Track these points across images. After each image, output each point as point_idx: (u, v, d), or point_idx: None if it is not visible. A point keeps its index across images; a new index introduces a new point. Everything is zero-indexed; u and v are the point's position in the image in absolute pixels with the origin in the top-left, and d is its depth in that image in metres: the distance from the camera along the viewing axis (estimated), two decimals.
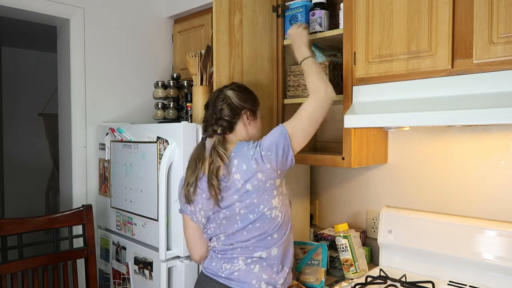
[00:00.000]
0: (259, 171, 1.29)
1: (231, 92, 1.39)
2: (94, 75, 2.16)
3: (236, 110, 1.38)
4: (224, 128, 1.37)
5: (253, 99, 1.44)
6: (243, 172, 1.30)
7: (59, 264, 1.77)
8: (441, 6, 1.31)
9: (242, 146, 1.34)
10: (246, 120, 1.40)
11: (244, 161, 1.30)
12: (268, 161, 1.29)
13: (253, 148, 1.31)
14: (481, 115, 1.17)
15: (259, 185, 1.29)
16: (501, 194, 1.55)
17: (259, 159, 1.29)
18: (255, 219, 1.30)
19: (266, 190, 1.30)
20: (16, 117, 3.81)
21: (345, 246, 1.68)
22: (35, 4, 1.97)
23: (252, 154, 1.30)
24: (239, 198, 1.30)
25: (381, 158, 1.82)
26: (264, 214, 1.30)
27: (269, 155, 1.29)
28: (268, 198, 1.30)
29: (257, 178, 1.29)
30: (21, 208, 3.73)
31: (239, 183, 1.29)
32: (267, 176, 1.30)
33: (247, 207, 1.30)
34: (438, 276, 1.61)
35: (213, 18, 1.59)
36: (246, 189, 1.29)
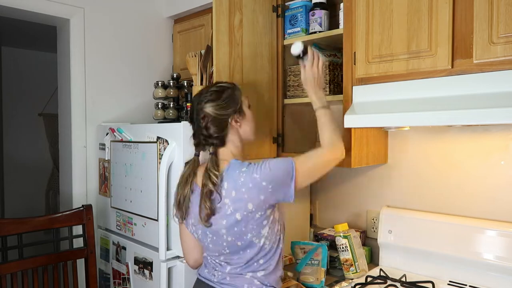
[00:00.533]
0: (249, 201, 1.21)
1: (210, 107, 1.28)
2: (94, 75, 2.16)
3: (222, 122, 1.29)
4: (215, 145, 1.30)
5: (233, 98, 1.32)
6: (232, 199, 1.22)
7: (59, 264, 1.77)
8: (441, 6, 1.31)
9: (234, 169, 1.25)
10: (235, 124, 1.32)
11: (234, 187, 1.22)
12: (264, 193, 1.20)
13: (247, 173, 1.22)
14: (481, 115, 1.17)
15: (248, 215, 1.22)
16: (501, 194, 1.55)
17: (254, 188, 1.20)
18: (243, 246, 1.26)
19: (255, 221, 1.23)
20: (16, 117, 3.81)
21: (345, 246, 1.68)
22: (35, 4, 1.97)
23: (242, 181, 1.21)
24: (226, 225, 1.24)
25: (381, 158, 1.82)
26: (253, 242, 1.26)
27: (268, 188, 1.20)
28: (257, 228, 1.24)
29: (247, 208, 1.21)
30: (21, 208, 3.73)
31: (229, 209, 1.23)
32: (258, 207, 1.22)
33: (234, 235, 1.25)
34: (438, 276, 1.61)
35: (213, 18, 1.59)
36: (235, 217, 1.23)
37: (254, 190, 1.20)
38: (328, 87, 1.71)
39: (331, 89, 1.71)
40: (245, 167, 1.24)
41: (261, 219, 1.24)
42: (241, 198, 1.21)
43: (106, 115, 2.20)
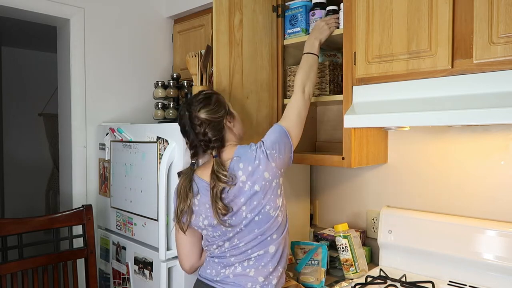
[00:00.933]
0: (265, 170, 1.30)
1: (204, 113, 1.33)
2: (94, 75, 2.16)
3: (218, 124, 1.35)
4: (217, 147, 1.35)
5: (220, 101, 1.39)
6: (249, 174, 1.30)
7: (59, 264, 1.77)
8: (441, 6, 1.31)
9: (244, 149, 1.34)
10: (229, 124, 1.39)
11: (249, 163, 1.31)
12: (273, 159, 1.31)
13: (256, 149, 1.32)
14: (481, 115, 1.17)
15: (266, 185, 1.30)
16: (501, 194, 1.55)
17: (265, 158, 1.31)
18: (260, 221, 1.31)
19: (272, 190, 1.32)
20: (16, 117, 3.81)
21: (345, 246, 1.68)
22: (35, 4, 1.97)
23: (256, 155, 1.31)
24: (245, 201, 1.30)
25: (381, 158, 1.82)
26: (270, 215, 1.32)
27: (273, 154, 1.32)
28: (273, 198, 1.32)
29: (264, 177, 1.30)
30: (21, 208, 3.73)
31: (247, 185, 1.30)
32: (273, 174, 1.32)
33: (254, 209, 1.30)
34: (438, 276, 1.61)
35: (213, 18, 1.59)
36: (254, 190, 1.29)
37: (265, 160, 1.30)
38: (328, 87, 1.71)
39: (331, 89, 1.71)
40: (253, 145, 1.35)
41: (277, 188, 1.33)
42: (258, 170, 1.30)
43: (106, 115, 2.20)
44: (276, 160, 1.32)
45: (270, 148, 1.33)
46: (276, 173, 1.33)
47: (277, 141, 1.34)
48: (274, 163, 1.32)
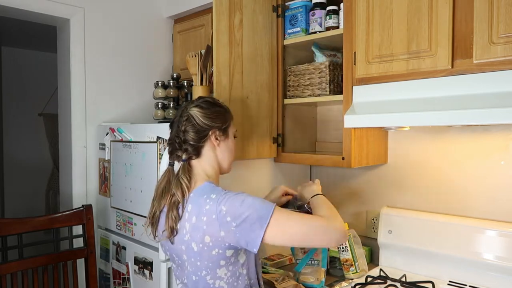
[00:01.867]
0: (207, 234, 1.08)
1: (196, 110, 1.21)
2: (94, 75, 2.16)
3: (202, 131, 1.20)
4: (189, 153, 1.20)
5: (223, 115, 1.26)
6: (191, 225, 1.11)
7: (59, 264, 1.77)
8: (441, 6, 1.31)
9: (203, 192, 1.14)
10: (214, 141, 1.22)
11: (196, 213, 1.11)
12: (226, 230, 1.06)
13: (214, 202, 1.09)
14: (481, 115, 1.17)
15: (203, 249, 1.10)
16: (501, 194, 1.55)
17: (215, 221, 1.06)
18: (197, 282, 1.15)
19: (211, 258, 1.11)
20: (16, 117, 3.81)
21: (345, 246, 1.68)
22: (35, 4, 1.97)
23: (207, 209, 1.09)
24: (185, 251, 1.15)
25: (381, 158, 1.82)
26: (207, 282, 1.13)
27: (231, 225, 1.06)
28: (212, 266, 1.11)
29: (203, 241, 1.09)
30: (21, 208, 3.73)
31: (187, 235, 1.13)
32: (216, 243, 1.09)
33: (192, 266, 1.15)
34: (438, 276, 1.61)
35: (213, 18, 1.59)
36: (191, 247, 1.12)
37: (215, 223, 1.07)
38: (328, 87, 1.71)
39: (331, 89, 1.71)
40: (216, 194, 1.11)
41: (218, 258, 1.11)
42: (200, 227, 1.09)
43: (106, 115, 2.20)
44: (229, 233, 1.06)
45: (232, 216, 1.05)
46: (221, 244, 1.08)
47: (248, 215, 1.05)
48: (223, 233, 1.06)
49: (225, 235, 1.07)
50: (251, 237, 1.06)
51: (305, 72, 1.78)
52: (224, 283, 1.13)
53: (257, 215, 1.06)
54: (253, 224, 1.05)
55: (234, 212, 1.06)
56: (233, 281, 1.14)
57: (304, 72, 1.79)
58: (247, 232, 1.06)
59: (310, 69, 1.76)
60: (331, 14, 1.69)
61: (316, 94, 1.75)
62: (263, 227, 1.05)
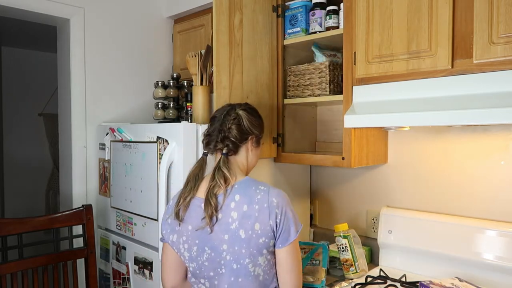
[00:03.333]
0: (258, 221, 1.17)
1: (244, 113, 1.31)
2: (94, 75, 2.16)
3: (245, 134, 1.30)
4: (229, 149, 1.28)
5: (262, 126, 1.38)
6: (240, 213, 1.18)
7: (59, 264, 1.77)
8: (441, 6, 1.31)
9: (250, 184, 1.23)
10: (250, 145, 1.33)
11: (248, 201, 1.19)
12: (273, 219, 1.18)
13: (265, 192, 1.20)
14: (481, 115, 1.17)
15: (252, 237, 1.17)
16: (501, 194, 1.55)
17: (266, 210, 1.17)
18: (237, 271, 1.19)
19: (257, 246, 1.18)
20: (16, 117, 3.81)
21: (345, 246, 1.68)
22: (35, 4, 1.97)
23: (259, 198, 1.19)
24: (228, 241, 1.18)
25: (381, 158, 1.82)
26: (248, 270, 1.19)
27: (277, 216, 1.18)
28: (255, 253, 1.18)
29: (253, 228, 1.17)
30: (21, 208, 3.73)
31: (234, 223, 1.18)
32: (264, 232, 1.17)
33: (233, 254, 1.19)
34: (438, 276, 1.61)
35: (213, 18, 1.59)
36: (238, 234, 1.17)
37: (266, 212, 1.17)
38: (328, 87, 1.71)
39: (331, 89, 1.71)
40: (263, 186, 1.23)
41: (263, 246, 1.18)
42: (252, 215, 1.17)
43: (106, 115, 2.20)
44: (274, 223, 1.17)
45: (280, 209, 1.18)
46: (268, 233, 1.17)
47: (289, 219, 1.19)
48: (272, 221, 1.17)
49: (272, 224, 1.17)
50: (284, 235, 1.19)
51: (305, 72, 1.79)
52: (261, 270, 1.21)
53: (294, 221, 1.21)
54: (290, 226, 1.20)
55: (282, 207, 1.19)
56: (267, 269, 1.23)
57: (304, 72, 1.79)
58: (287, 229, 1.19)
59: (310, 69, 1.77)
60: (331, 14, 1.69)
61: (316, 94, 1.75)
62: (296, 233, 1.20)
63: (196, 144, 1.60)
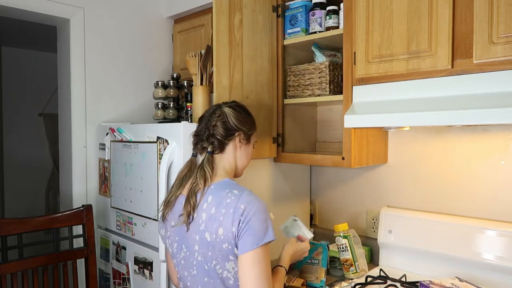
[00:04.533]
0: (222, 226, 1.14)
1: (229, 110, 1.30)
2: (94, 75, 2.16)
3: (231, 130, 1.29)
4: (214, 147, 1.28)
5: (250, 122, 1.36)
6: (208, 215, 1.17)
7: (59, 264, 1.77)
8: (441, 6, 1.31)
9: (225, 187, 1.21)
10: (238, 142, 1.31)
11: (216, 204, 1.17)
12: (236, 227, 1.13)
13: (236, 197, 1.15)
14: (481, 115, 1.17)
15: (216, 241, 1.15)
16: (501, 194, 1.55)
17: (231, 216, 1.13)
18: (208, 272, 1.20)
19: (221, 251, 1.16)
20: (16, 117, 3.81)
21: (345, 246, 1.68)
22: (35, 4, 1.97)
23: (227, 203, 1.15)
24: (199, 241, 1.19)
25: (381, 158, 1.82)
26: (216, 272, 1.18)
27: (239, 224, 1.12)
28: (221, 258, 1.17)
29: (217, 232, 1.15)
30: (21, 208, 3.73)
31: (202, 225, 1.18)
32: (226, 238, 1.14)
33: (204, 255, 1.19)
34: (438, 276, 1.61)
35: (213, 18, 1.59)
36: (205, 236, 1.17)
37: (230, 218, 1.13)
38: (328, 87, 1.71)
39: (331, 89, 1.71)
40: (238, 190, 1.18)
41: (227, 252, 1.16)
42: (216, 218, 1.15)
43: (106, 115, 2.20)
44: (236, 230, 1.12)
45: (244, 216, 1.12)
46: (231, 240, 1.13)
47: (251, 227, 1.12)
48: (235, 228, 1.12)
49: (235, 231, 1.13)
50: (241, 243, 1.13)
51: (305, 72, 1.79)
52: (231, 275, 1.19)
53: (257, 232, 1.13)
54: (249, 235, 1.12)
55: (247, 215, 1.13)
56: (236, 275, 1.19)
57: (304, 72, 1.79)
58: (244, 236, 1.12)
59: (310, 69, 1.77)
60: (331, 14, 1.69)
61: (316, 94, 1.75)
62: (253, 245, 1.11)
63: None
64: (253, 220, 1.13)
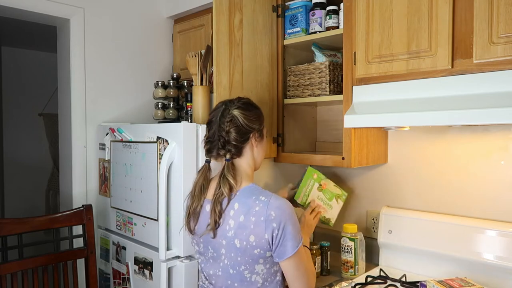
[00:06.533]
0: (253, 233, 1.16)
1: (238, 112, 1.26)
2: (94, 75, 2.16)
3: (245, 133, 1.26)
4: (232, 153, 1.26)
5: (259, 117, 1.33)
6: (237, 223, 1.18)
7: (59, 264, 1.77)
8: (441, 6, 1.31)
9: (251, 193, 1.21)
10: (254, 142, 1.30)
11: (245, 212, 1.18)
12: (269, 234, 1.15)
13: (264, 204, 1.16)
14: (481, 115, 1.17)
15: (246, 247, 1.17)
16: (501, 194, 1.55)
17: (263, 223, 1.14)
18: (233, 276, 1.21)
19: (252, 256, 1.18)
20: (16, 117, 3.81)
21: (350, 248, 1.68)
22: (35, 4, 1.97)
23: (256, 210, 1.16)
24: (226, 246, 1.20)
25: (381, 158, 1.82)
26: (244, 276, 1.20)
27: (275, 231, 1.15)
28: (251, 262, 1.19)
29: (248, 239, 1.16)
30: (21, 208, 3.73)
31: (230, 231, 1.19)
32: (259, 244, 1.16)
33: (230, 260, 1.21)
34: (438, 276, 1.61)
35: (213, 18, 1.59)
36: (234, 243, 1.18)
37: (262, 225, 1.15)
38: (328, 87, 1.71)
39: (331, 89, 1.71)
40: (265, 196, 1.19)
41: (258, 256, 1.18)
42: (247, 226, 1.16)
43: (106, 115, 2.20)
44: (271, 237, 1.15)
45: (277, 223, 1.14)
46: (264, 245, 1.16)
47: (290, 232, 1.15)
48: (268, 235, 1.14)
49: (268, 238, 1.15)
50: (281, 250, 1.16)
51: (305, 72, 1.79)
52: (260, 278, 1.21)
53: (293, 236, 1.16)
54: (287, 241, 1.15)
55: (280, 221, 1.15)
56: (267, 277, 1.23)
57: (304, 72, 1.79)
58: (282, 243, 1.16)
59: (310, 69, 1.77)
60: (331, 14, 1.69)
61: (316, 94, 1.75)
62: (293, 249, 1.16)
63: (196, 144, 1.60)
64: (288, 226, 1.15)
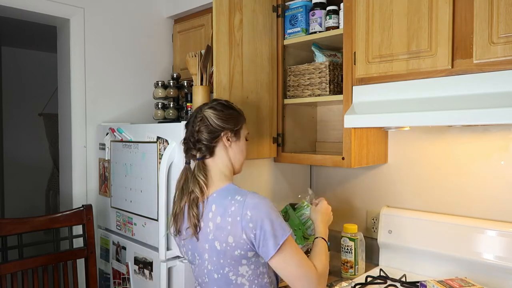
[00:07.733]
0: (231, 234, 1.14)
1: (210, 111, 1.26)
2: (94, 75, 2.16)
3: (215, 132, 1.24)
4: (202, 152, 1.25)
5: (236, 118, 1.30)
6: (215, 225, 1.17)
7: (59, 264, 1.77)
8: (441, 6, 1.31)
9: (227, 194, 1.19)
10: (226, 142, 1.26)
11: (221, 213, 1.16)
12: (247, 234, 1.12)
13: (240, 204, 1.14)
14: (481, 115, 1.17)
15: (226, 249, 1.16)
16: (501, 194, 1.55)
17: (239, 223, 1.12)
18: (219, 280, 1.20)
19: (233, 257, 1.16)
20: (16, 117, 3.81)
21: (350, 248, 1.68)
22: (35, 4, 1.97)
23: (232, 211, 1.14)
24: (208, 250, 1.20)
25: (381, 158, 1.82)
26: (229, 278, 1.19)
27: (252, 231, 1.12)
28: (234, 264, 1.17)
29: (227, 240, 1.15)
30: (21, 208, 3.73)
31: (211, 234, 1.18)
32: (238, 245, 1.14)
33: (214, 264, 1.20)
34: (438, 276, 1.61)
35: (213, 18, 1.59)
36: (214, 245, 1.17)
37: (239, 226, 1.13)
38: (328, 87, 1.71)
39: (331, 89, 1.71)
40: (241, 195, 1.17)
41: (240, 257, 1.17)
42: (224, 227, 1.15)
43: (106, 115, 2.20)
44: (249, 237, 1.12)
45: (253, 221, 1.11)
46: (244, 246, 1.14)
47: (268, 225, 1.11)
48: (245, 236, 1.12)
49: (246, 238, 1.13)
50: (264, 250, 1.13)
51: (305, 72, 1.79)
52: (245, 280, 1.19)
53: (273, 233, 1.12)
54: (267, 239, 1.12)
55: (257, 220, 1.12)
56: (253, 279, 1.20)
57: (304, 72, 1.79)
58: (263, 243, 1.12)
59: (310, 69, 1.77)
60: (331, 14, 1.69)
61: (316, 94, 1.75)
62: (275, 247, 1.12)
63: None
64: (265, 225, 1.12)
